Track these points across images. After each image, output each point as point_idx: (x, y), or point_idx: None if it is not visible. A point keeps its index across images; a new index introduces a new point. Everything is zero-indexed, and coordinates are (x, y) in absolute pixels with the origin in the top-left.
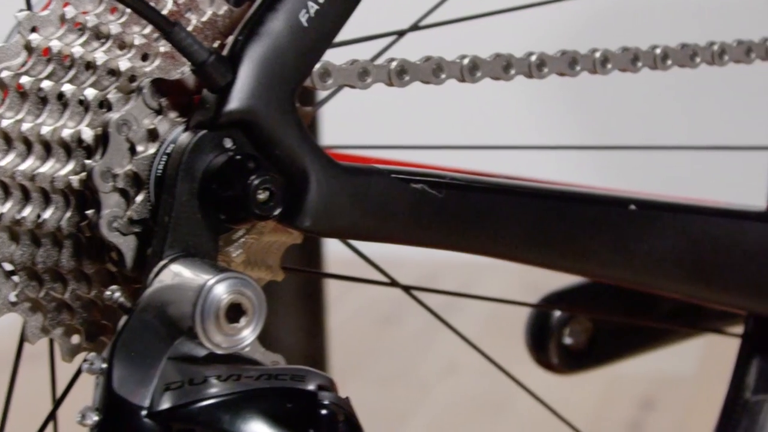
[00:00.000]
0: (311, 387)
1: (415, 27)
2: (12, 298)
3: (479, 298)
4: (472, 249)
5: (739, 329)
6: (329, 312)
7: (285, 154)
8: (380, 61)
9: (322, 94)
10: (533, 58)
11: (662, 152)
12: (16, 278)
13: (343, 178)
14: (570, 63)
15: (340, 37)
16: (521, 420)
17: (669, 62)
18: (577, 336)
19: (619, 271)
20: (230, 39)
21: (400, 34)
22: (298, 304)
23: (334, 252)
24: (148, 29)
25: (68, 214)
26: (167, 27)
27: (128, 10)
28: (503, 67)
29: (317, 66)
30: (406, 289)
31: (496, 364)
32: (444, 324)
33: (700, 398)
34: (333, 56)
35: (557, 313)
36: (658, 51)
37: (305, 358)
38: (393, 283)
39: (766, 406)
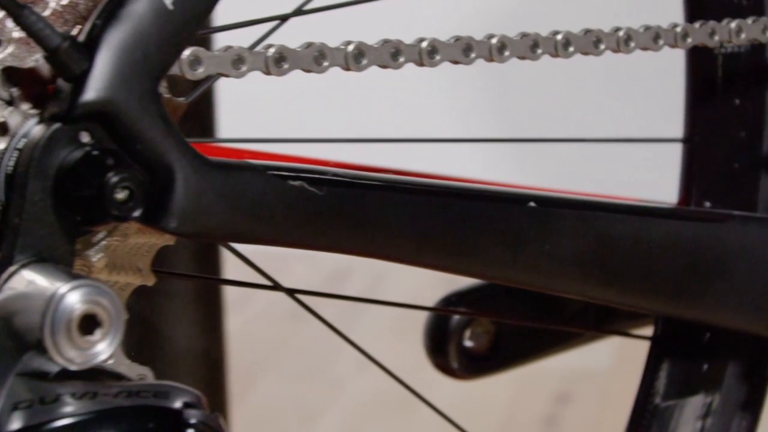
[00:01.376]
0: (176, 404)
1: (299, 11)
2: None
3: (373, 302)
4: (357, 251)
5: (648, 331)
6: (239, 309)
7: (147, 149)
8: (259, 47)
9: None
10: (424, 44)
11: (577, 145)
12: None
13: (213, 175)
14: (464, 50)
15: (219, 22)
16: (434, 415)
17: (571, 49)
18: (478, 339)
19: (519, 273)
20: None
21: (283, 19)
22: (194, 304)
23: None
24: (2, 13)
25: None
26: (15, 9)
27: None
28: (391, 54)
29: (186, 53)
30: (290, 292)
31: (386, 369)
32: (336, 332)
33: (615, 392)
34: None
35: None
36: (559, 37)
37: (203, 360)
38: (276, 287)
39: (677, 412)
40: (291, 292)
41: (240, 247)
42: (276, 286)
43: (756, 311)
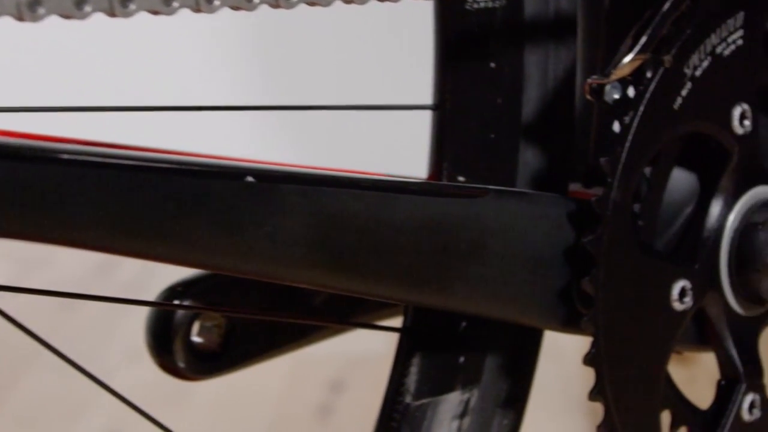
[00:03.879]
0: None
1: None
2: None
3: (83, 297)
4: (32, 236)
5: (398, 322)
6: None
7: None
8: None
9: None
10: None
11: (344, 116)
12: None
13: None
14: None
15: None
16: (205, 405)
17: (216, 3)
18: (208, 334)
19: (236, 260)
20: None
21: None
22: None
23: None
24: None
25: None
26: None
27: None
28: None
29: None
30: None
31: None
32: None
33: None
34: None
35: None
36: None
37: None
38: None
39: (430, 412)
40: None
41: None
42: None
43: (515, 297)
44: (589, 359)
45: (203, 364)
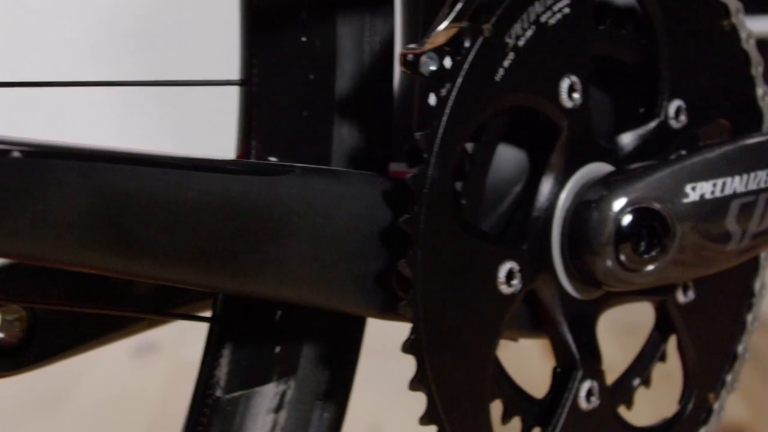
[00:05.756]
0: None
1: None
2: None
3: None
4: None
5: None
6: None
7: None
8: None
9: None
10: None
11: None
12: None
13: None
14: None
15: None
16: (83, 408)
17: None
18: (9, 328)
19: (12, 243)
20: None
21: None
22: None
23: None
24: None
25: None
26: None
27: None
28: None
29: None
30: None
31: None
32: None
33: None
34: None
35: None
36: None
37: None
38: None
39: (243, 405)
40: None
41: None
42: None
43: (327, 281)
44: (407, 346)
45: (3, 360)
